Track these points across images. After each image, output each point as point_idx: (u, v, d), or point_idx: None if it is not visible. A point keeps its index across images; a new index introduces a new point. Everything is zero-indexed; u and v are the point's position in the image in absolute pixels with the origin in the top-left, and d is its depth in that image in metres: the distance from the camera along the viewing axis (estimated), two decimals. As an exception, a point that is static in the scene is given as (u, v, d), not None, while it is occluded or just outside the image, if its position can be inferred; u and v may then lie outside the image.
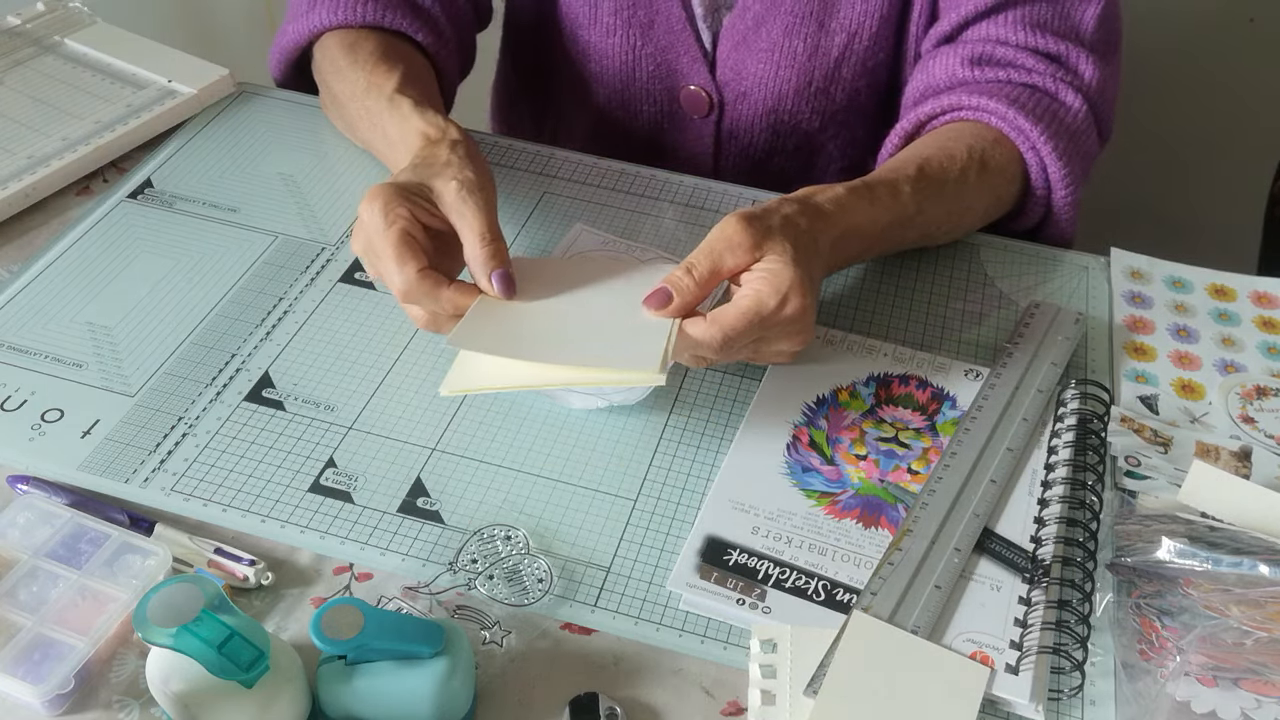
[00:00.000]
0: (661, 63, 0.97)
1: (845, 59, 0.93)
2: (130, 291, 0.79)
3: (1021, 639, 0.60)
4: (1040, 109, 0.83)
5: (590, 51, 0.99)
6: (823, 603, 0.62)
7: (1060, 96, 0.85)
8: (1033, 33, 0.85)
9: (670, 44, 0.96)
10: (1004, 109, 0.83)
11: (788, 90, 0.95)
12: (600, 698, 0.57)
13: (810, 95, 0.95)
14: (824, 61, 0.93)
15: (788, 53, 0.93)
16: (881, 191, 0.77)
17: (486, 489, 0.68)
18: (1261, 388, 0.76)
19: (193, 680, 0.51)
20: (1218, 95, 1.62)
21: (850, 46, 0.92)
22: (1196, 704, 0.57)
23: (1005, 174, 0.83)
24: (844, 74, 0.94)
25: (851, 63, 0.93)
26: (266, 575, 0.62)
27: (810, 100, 0.96)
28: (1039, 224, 0.88)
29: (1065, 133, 0.83)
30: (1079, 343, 0.78)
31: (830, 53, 0.93)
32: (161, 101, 0.95)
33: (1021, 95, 0.84)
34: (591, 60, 0.99)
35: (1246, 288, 0.84)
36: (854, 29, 0.92)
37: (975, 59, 0.86)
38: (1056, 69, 0.85)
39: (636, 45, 0.96)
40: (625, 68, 0.98)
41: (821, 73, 0.94)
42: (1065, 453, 0.68)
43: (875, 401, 0.73)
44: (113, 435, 0.69)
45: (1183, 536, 0.62)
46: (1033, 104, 0.83)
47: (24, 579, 0.60)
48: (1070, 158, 0.83)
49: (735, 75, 0.95)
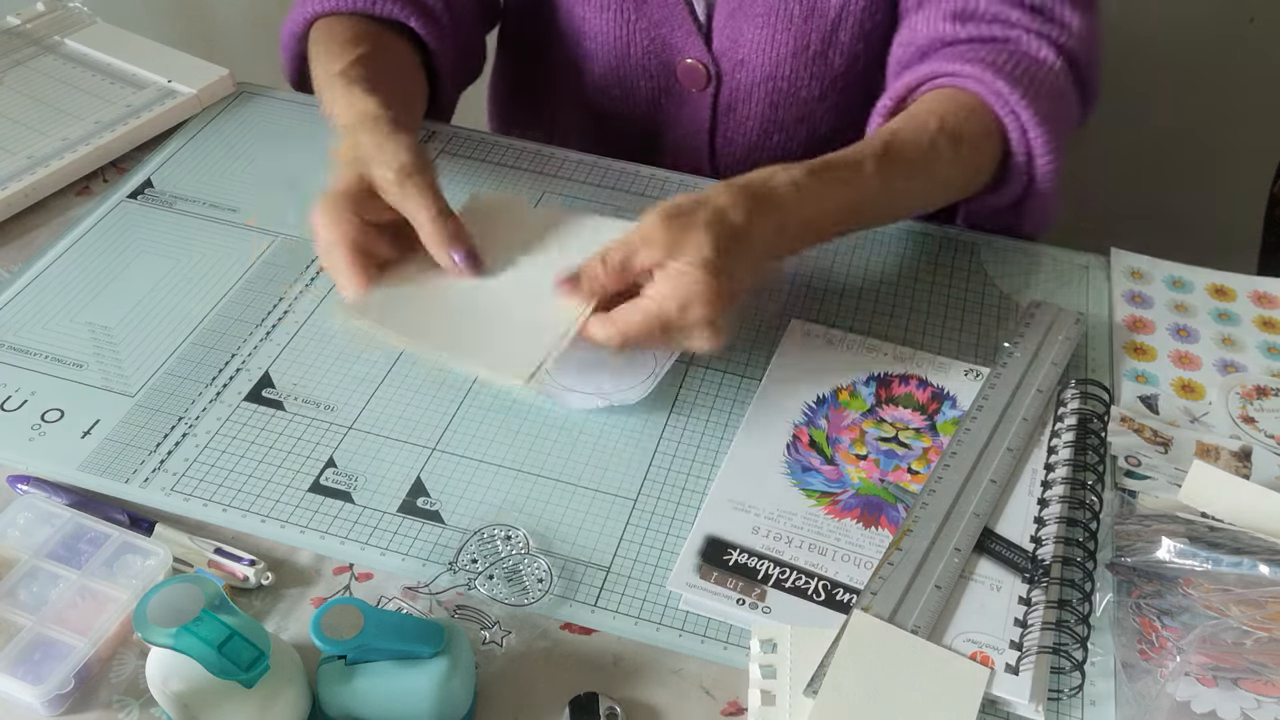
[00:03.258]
0: (655, 37, 0.96)
1: (842, 21, 0.92)
2: (130, 292, 0.79)
3: (1021, 639, 0.60)
4: (1019, 71, 0.82)
5: (585, 29, 0.97)
6: (823, 603, 0.62)
7: (1039, 54, 0.83)
8: None
9: (664, 17, 0.94)
10: (981, 72, 0.81)
11: (785, 54, 0.94)
12: (600, 698, 0.57)
13: (808, 59, 0.94)
14: (821, 24, 0.92)
15: (784, 15, 0.91)
16: (844, 172, 0.74)
17: (486, 489, 0.68)
18: (1262, 387, 0.76)
19: (193, 680, 0.51)
20: (1218, 95, 1.62)
21: (847, 7, 0.91)
22: (1196, 704, 0.57)
23: (981, 144, 0.81)
24: (841, 37, 0.93)
25: (849, 25, 0.92)
26: (266, 575, 0.62)
27: (809, 65, 0.94)
28: (1021, 199, 0.86)
29: (1045, 94, 0.82)
30: (1079, 342, 0.78)
31: (827, 14, 0.91)
32: (161, 101, 0.95)
33: (999, 57, 0.82)
34: (586, 38, 0.98)
35: (1247, 288, 0.84)
36: None
37: (958, 13, 0.85)
38: (1039, 20, 0.84)
39: (630, 20, 0.95)
40: (619, 43, 0.97)
41: (819, 35, 0.92)
42: (1065, 452, 0.68)
43: (875, 401, 0.73)
44: (113, 435, 0.69)
45: (1183, 536, 0.62)
46: (1011, 65, 0.81)
47: (24, 579, 0.60)
48: (1051, 120, 0.81)
49: (732, 44, 0.94)
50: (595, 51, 0.99)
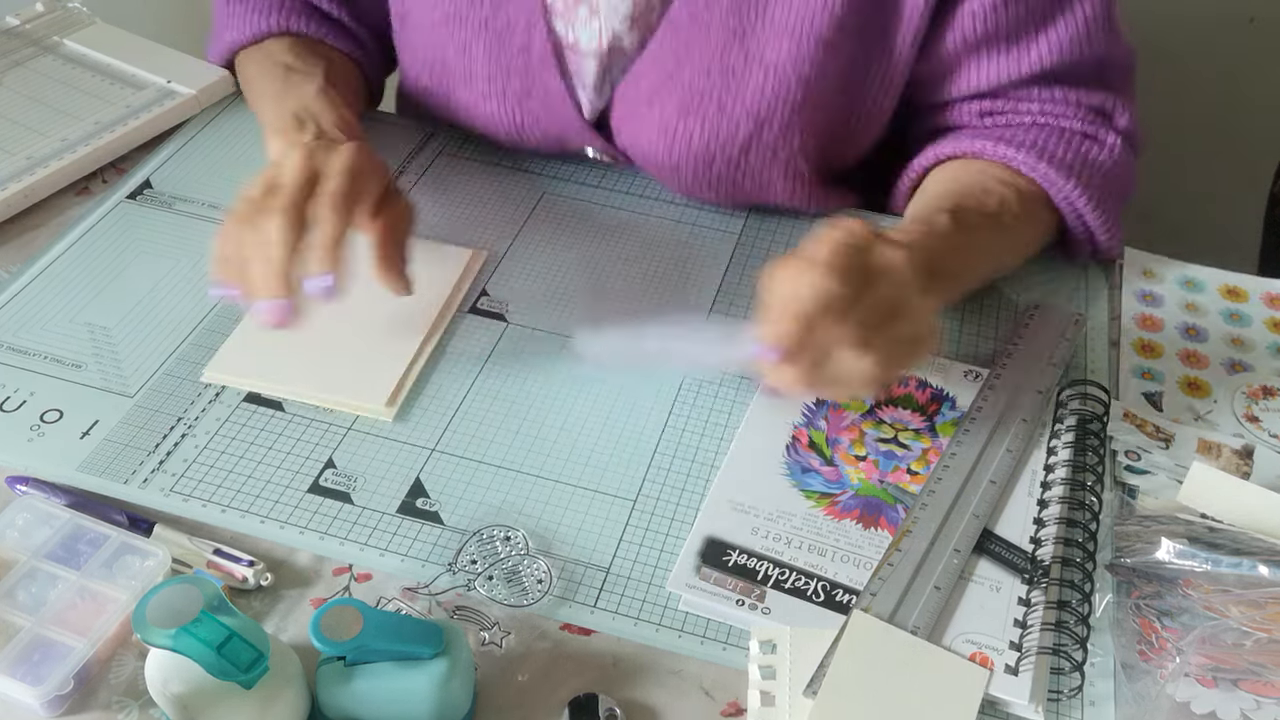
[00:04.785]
0: (548, 130, 0.88)
1: (752, 148, 0.81)
2: (130, 292, 0.79)
3: (1021, 640, 0.60)
4: (1069, 154, 0.79)
5: (475, 113, 0.89)
6: (822, 603, 0.62)
7: (1098, 136, 0.81)
8: (1079, 90, 0.80)
9: (551, 117, 0.86)
10: (1029, 159, 0.78)
11: (685, 173, 0.84)
12: (600, 698, 0.57)
13: (712, 180, 0.84)
14: (726, 147, 0.81)
15: (682, 134, 0.81)
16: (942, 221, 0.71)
17: (486, 489, 0.68)
18: (1269, 388, 0.76)
19: (192, 681, 0.51)
20: (1218, 95, 1.62)
21: (758, 135, 0.80)
22: (1196, 705, 0.57)
23: (1041, 202, 0.79)
24: (752, 161, 0.82)
25: (760, 151, 0.81)
26: (266, 576, 0.62)
27: (714, 185, 0.84)
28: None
29: (1099, 174, 0.79)
30: (1079, 343, 0.78)
31: (735, 138, 0.81)
32: (161, 102, 0.95)
33: (1046, 140, 0.79)
34: (477, 121, 0.90)
35: (1259, 289, 0.84)
36: (762, 115, 0.80)
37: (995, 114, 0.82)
38: (1099, 123, 0.81)
39: (515, 114, 0.87)
40: (512, 131, 0.89)
41: (724, 159, 0.82)
42: (1065, 453, 0.68)
43: (875, 402, 0.73)
44: (112, 436, 0.69)
45: (1182, 537, 0.62)
46: (1061, 150, 0.79)
47: (23, 580, 0.60)
48: (1105, 200, 0.79)
49: (632, 143, 0.85)
50: (490, 134, 0.91)
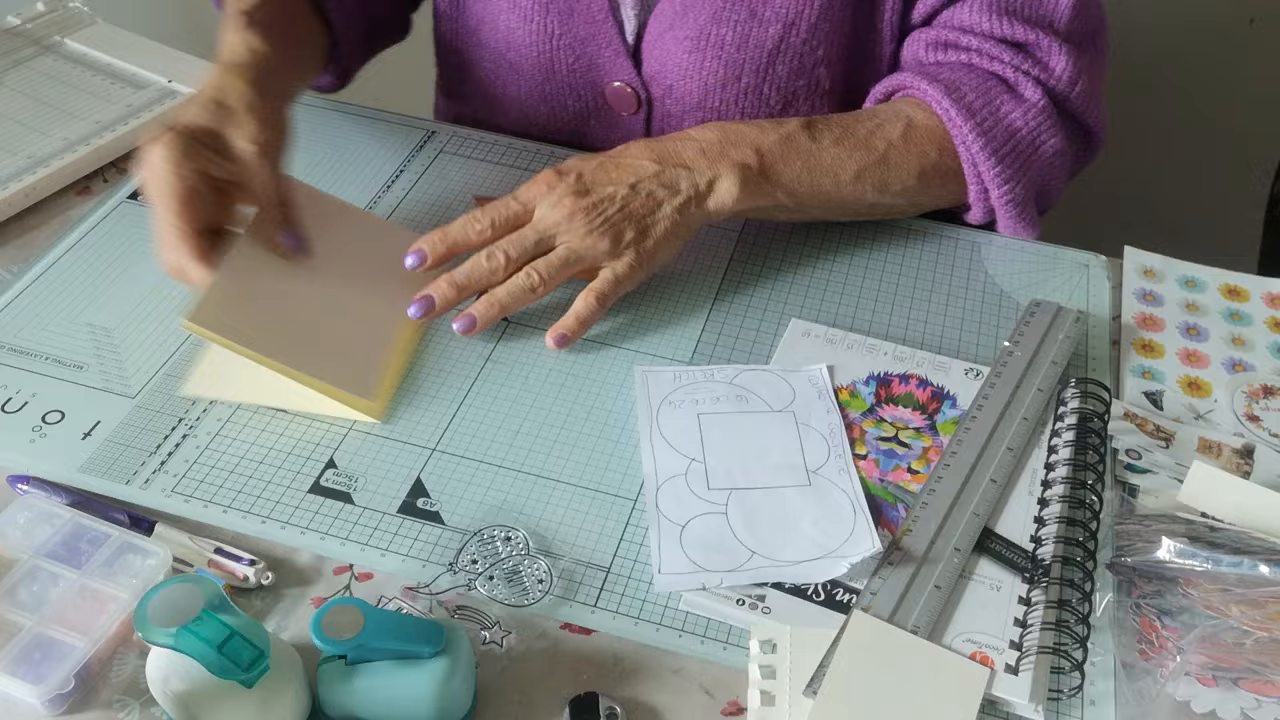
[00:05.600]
0: (582, 55, 0.91)
1: (780, 54, 0.86)
2: (131, 292, 0.79)
3: (1021, 639, 0.60)
4: (981, 102, 0.82)
5: (510, 39, 0.92)
6: (822, 603, 0.62)
7: (1019, 89, 0.83)
8: (1001, 19, 0.82)
9: (591, 34, 0.89)
10: (939, 95, 0.81)
11: (714, 83, 0.87)
12: (600, 698, 0.57)
13: (740, 92, 0.88)
14: (755, 54, 0.86)
15: (714, 41, 0.86)
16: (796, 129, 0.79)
17: (486, 489, 0.68)
18: (1269, 387, 0.76)
19: (193, 680, 0.52)
20: (1218, 95, 1.62)
21: (786, 39, 0.85)
22: (1196, 704, 0.58)
23: (935, 138, 0.83)
24: (779, 71, 0.87)
25: (787, 58, 0.86)
26: (266, 575, 0.62)
27: (740, 98, 0.88)
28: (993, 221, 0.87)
29: (1004, 131, 0.82)
30: (1079, 341, 0.78)
31: (763, 44, 0.86)
32: (161, 101, 0.95)
33: (965, 82, 0.82)
34: (510, 49, 0.93)
35: (1260, 289, 0.84)
36: (790, 18, 0.85)
37: (939, 43, 0.85)
38: (1022, 58, 0.83)
39: (555, 34, 0.89)
40: (544, 58, 0.91)
41: (752, 67, 0.86)
42: (1065, 452, 0.68)
43: (875, 401, 0.73)
44: (113, 437, 0.69)
45: (1183, 536, 0.62)
46: (974, 95, 0.82)
47: (24, 579, 0.60)
48: (1008, 157, 0.82)
49: (660, 67, 0.89)
50: (520, 64, 0.94)
